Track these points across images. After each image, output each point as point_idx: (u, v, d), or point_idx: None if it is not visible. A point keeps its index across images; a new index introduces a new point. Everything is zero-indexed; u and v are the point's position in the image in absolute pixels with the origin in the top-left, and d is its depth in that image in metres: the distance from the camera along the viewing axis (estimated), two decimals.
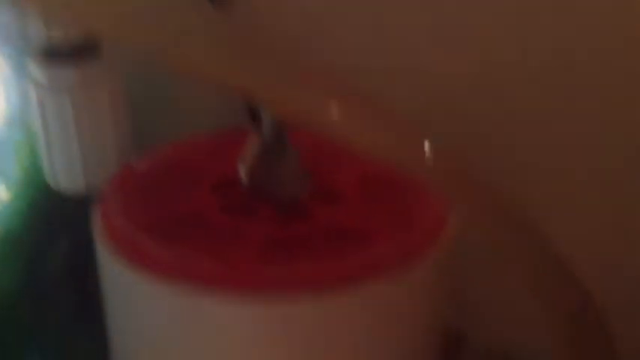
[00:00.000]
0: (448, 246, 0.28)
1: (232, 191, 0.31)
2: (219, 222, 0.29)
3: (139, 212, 0.29)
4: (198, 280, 0.25)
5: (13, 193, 0.38)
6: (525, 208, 0.27)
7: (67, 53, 0.35)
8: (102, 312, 0.34)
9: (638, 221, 0.38)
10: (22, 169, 0.39)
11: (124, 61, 0.37)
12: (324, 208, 0.30)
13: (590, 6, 0.36)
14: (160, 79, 0.51)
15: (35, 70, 0.35)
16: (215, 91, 0.49)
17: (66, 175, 0.37)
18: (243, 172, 0.30)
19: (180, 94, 0.51)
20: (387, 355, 0.27)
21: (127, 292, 0.27)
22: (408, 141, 0.24)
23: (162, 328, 0.27)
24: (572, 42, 0.37)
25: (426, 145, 0.24)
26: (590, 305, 0.27)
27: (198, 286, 0.25)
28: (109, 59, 0.36)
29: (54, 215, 0.38)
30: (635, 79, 0.36)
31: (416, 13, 0.39)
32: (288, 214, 0.29)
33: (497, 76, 0.39)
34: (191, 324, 0.26)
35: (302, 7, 0.41)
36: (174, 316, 0.26)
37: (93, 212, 0.30)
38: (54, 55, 0.35)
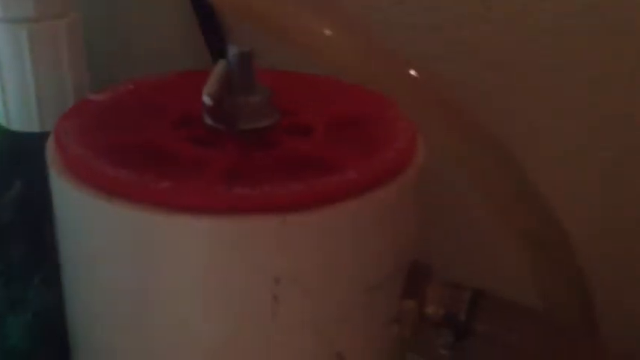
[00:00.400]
0: (414, 173, 0.28)
1: (194, 126, 0.30)
2: (179, 150, 0.28)
3: (95, 139, 0.28)
4: (155, 200, 0.24)
5: None
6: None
7: None
8: (56, 257, 0.33)
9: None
10: None
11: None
12: (291, 140, 0.29)
13: None
14: (116, 19, 0.49)
15: None
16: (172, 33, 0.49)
17: (20, 113, 0.35)
18: (207, 103, 0.29)
19: (137, 38, 0.50)
20: (349, 281, 0.26)
21: (84, 216, 0.26)
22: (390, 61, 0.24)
23: (118, 252, 0.26)
24: None
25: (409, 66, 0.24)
26: (553, 225, 0.27)
27: (155, 206, 0.24)
28: None
29: (5, 156, 0.37)
30: None
31: None
32: (253, 145, 0.29)
33: None
34: (146, 245, 0.25)
35: None
36: (130, 237, 0.25)
37: (47, 142, 0.29)
38: None
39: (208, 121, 0.29)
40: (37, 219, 0.38)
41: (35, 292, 0.38)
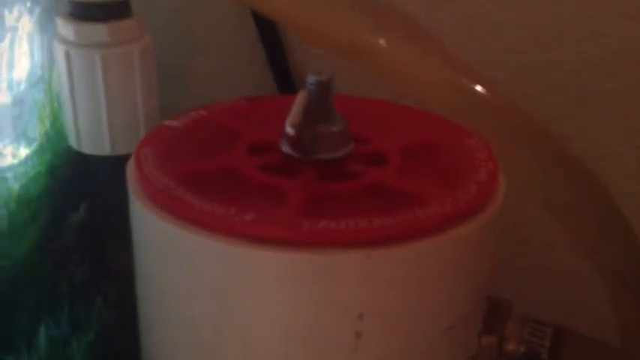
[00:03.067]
0: (496, 208, 0.27)
1: (270, 154, 0.30)
2: (258, 179, 0.28)
3: (175, 166, 0.28)
4: (240, 231, 0.24)
5: (33, 155, 0.37)
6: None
7: (97, 10, 0.34)
8: (120, 277, 0.32)
9: None
10: (44, 131, 0.37)
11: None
12: (369, 169, 0.29)
13: None
14: (183, 48, 0.50)
15: (64, 26, 0.34)
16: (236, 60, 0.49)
17: (91, 136, 0.35)
18: (290, 133, 0.28)
19: (203, 67, 0.50)
20: (430, 317, 0.26)
21: (167, 246, 0.26)
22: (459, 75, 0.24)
23: (200, 282, 0.25)
24: None
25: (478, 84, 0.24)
26: None
27: (239, 238, 0.24)
28: (140, 17, 0.35)
29: (75, 178, 0.37)
30: None
31: None
32: (332, 174, 0.28)
33: None
34: (229, 277, 0.25)
35: None
36: (212, 268, 0.25)
37: (126, 168, 0.29)
38: (83, 11, 0.34)
39: (286, 149, 0.29)
40: (101, 241, 0.38)
41: (98, 313, 0.38)
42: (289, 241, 0.24)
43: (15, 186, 0.36)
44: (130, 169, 0.28)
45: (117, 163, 0.31)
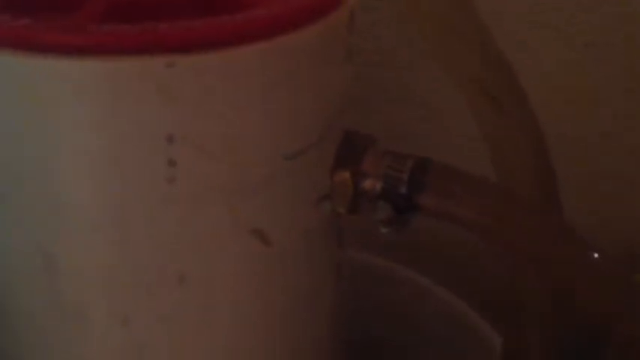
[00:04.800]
0: (343, 16, 0.23)
1: None
2: None
3: None
4: (9, 38, 0.20)
5: None
6: None
7: None
8: None
9: None
10: None
11: None
12: None
13: None
14: None
15: None
16: None
17: None
18: None
19: None
20: (261, 143, 0.22)
21: None
22: None
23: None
24: None
25: None
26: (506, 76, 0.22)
27: (10, 47, 0.20)
28: None
29: None
30: None
31: None
32: None
33: None
34: (21, 94, 0.21)
35: None
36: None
37: None
38: None
39: None
40: None
41: None
42: (68, 46, 0.20)
43: None
44: None
45: None
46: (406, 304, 0.41)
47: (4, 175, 0.22)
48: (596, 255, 0.25)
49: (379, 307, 0.39)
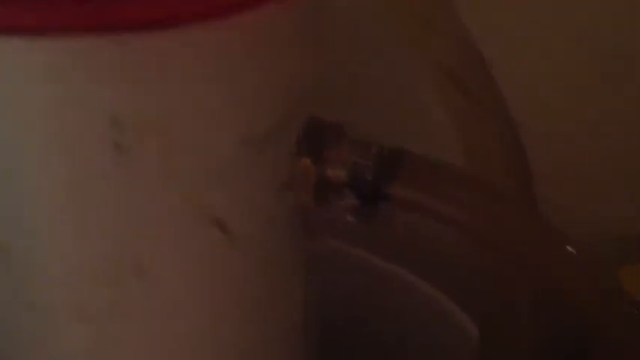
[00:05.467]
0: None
1: None
2: None
3: None
4: None
5: None
6: None
7: None
8: None
9: None
10: None
11: None
12: None
13: None
14: None
15: None
16: None
17: None
18: None
19: None
20: (213, 127, 0.21)
21: None
22: None
23: None
24: None
25: None
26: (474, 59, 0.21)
27: None
28: None
29: None
30: None
31: None
32: None
33: None
34: None
35: None
36: None
37: None
38: None
39: None
40: None
41: None
42: (6, 26, 0.19)
43: None
44: None
45: None
46: (387, 296, 0.40)
47: None
48: (572, 249, 0.24)
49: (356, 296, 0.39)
